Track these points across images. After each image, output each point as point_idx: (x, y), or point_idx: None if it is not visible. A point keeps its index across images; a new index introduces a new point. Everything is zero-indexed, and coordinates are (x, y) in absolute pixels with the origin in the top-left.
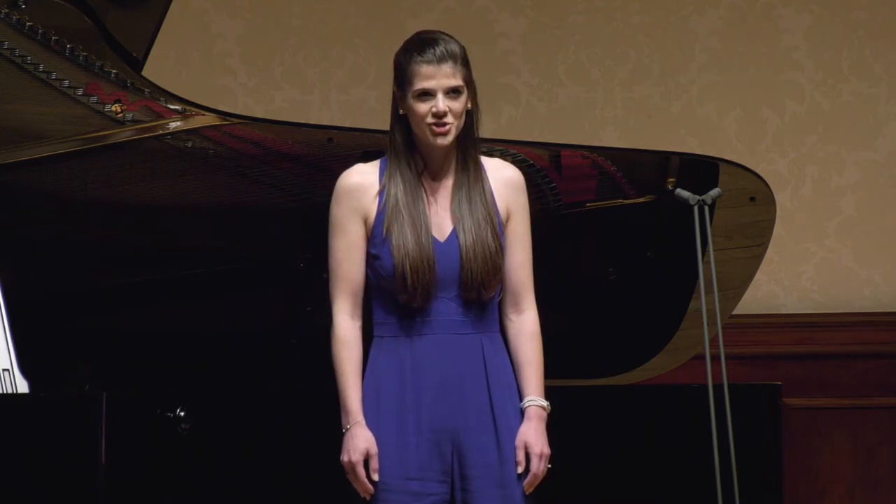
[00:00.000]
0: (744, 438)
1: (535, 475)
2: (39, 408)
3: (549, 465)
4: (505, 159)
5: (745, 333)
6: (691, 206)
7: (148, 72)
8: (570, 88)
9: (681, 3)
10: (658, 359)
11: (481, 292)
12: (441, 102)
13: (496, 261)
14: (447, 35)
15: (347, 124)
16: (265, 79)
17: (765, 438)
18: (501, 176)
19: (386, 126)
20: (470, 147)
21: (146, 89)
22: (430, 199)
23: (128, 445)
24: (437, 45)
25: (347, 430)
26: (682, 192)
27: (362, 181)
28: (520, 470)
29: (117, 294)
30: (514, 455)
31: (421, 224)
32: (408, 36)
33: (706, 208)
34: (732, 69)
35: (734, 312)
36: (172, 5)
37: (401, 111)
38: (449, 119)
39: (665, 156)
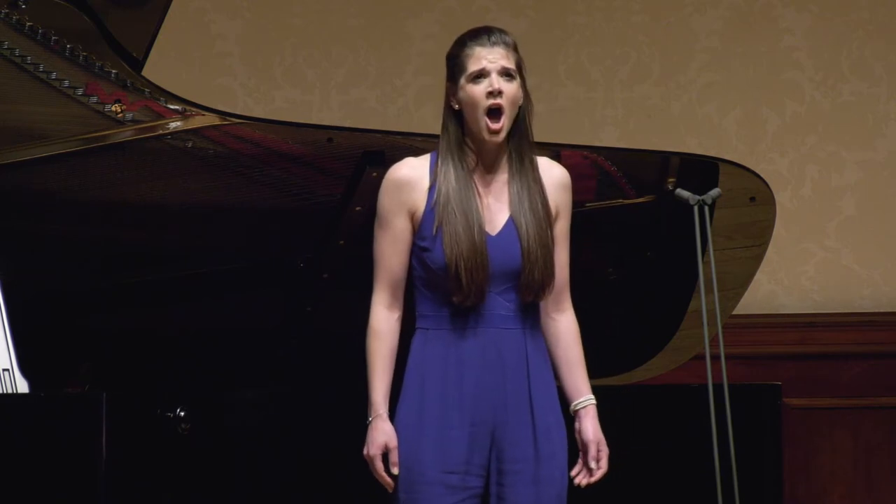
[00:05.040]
0: (744, 438)
1: (604, 472)
2: (39, 408)
3: None
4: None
5: (745, 333)
6: (691, 206)
7: (148, 72)
8: (570, 88)
9: (681, 3)
10: (658, 359)
11: (539, 295)
12: (496, 81)
13: (553, 262)
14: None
15: (347, 124)
16: (265, 79)
17: (765, 438)
18: (551, 175)
19: (386, 126)
20: (524, 146)
21: (146, 89)
22: (482, 193)
23: (128, 445)
24: (490, 32)
25: (370, 422)
26: (682, 192)
27: (411, 175)
28: (592, 465)
29: (117, 294)
30: (551, 453)
31: (474, 221)
32: (408, 36)
33: (706, 208)
34: (732, 69)
35: (734, 312)
36: (172, 5)
37: (455, 105)
38: (503, 101)
39: (665, 156)
